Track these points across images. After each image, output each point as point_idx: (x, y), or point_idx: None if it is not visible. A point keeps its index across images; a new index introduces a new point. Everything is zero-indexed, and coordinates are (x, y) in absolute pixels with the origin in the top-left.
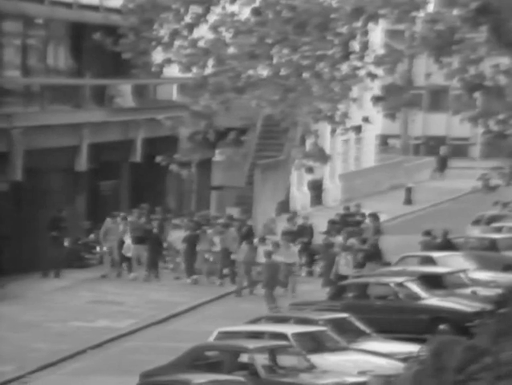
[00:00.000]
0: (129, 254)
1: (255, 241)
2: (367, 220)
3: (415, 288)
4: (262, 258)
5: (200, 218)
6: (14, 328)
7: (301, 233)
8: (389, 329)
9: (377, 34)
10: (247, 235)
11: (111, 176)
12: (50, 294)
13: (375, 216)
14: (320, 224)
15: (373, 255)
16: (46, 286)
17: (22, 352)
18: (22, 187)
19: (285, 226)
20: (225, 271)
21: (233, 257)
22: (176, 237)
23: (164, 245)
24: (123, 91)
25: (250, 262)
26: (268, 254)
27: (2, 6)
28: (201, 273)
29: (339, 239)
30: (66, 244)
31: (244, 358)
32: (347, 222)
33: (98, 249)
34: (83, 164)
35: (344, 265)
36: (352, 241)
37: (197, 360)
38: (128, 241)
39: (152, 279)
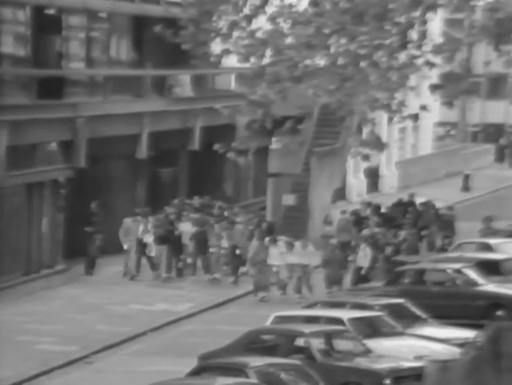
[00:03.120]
0: (152, 254)
1: (266, 240)
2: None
3: (472, 274)
4: (273, 259)
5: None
6: (79, 310)
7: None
8: (446, 315)
9: (435, 23)
10: (267, 232)
11: (170, 164)
12: (112, 277)
13: (428, 205)
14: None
15: (409, 248)
16: (110, 270)
17: (86, 333)
18: (86, 173)
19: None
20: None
21: (237, 252)
22: (185, 231)
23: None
24: (183, 81)
25: (260, 262)
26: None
27: (68, 2)
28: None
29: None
30: (98, 240)
31: (300, 342)
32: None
33: None
34: (143, 151)
35: (363, 256)
36: (376, 231)
37: (253, 343)
38: (149, 240)
39: (174, 280)
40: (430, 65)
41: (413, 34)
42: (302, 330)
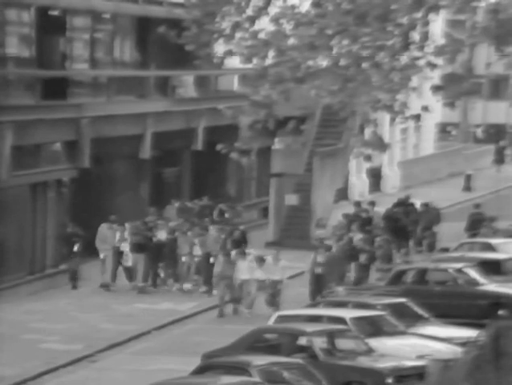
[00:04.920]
0: (129, 264)
1: (233, 253)
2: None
3: (474, 274)
4: (241, 273)
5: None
6: (84, 309)
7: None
8: (448, 314)
9: (437, 25)
10: (239, 241)
11: (173, 164)
12: (118, 277)
13: (427, 206)
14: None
15: (384, 255)
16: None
17: (90, 332)
18: (90, 174)
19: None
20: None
21: (211, 260)
22: (161, 238)
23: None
24: (186, 81)
25: (227, 276)
26: (327, 248)
27: (72, 3)
28: (181, 279)
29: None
30: (75, 249)
31: (302, 341)
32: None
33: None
34: (146, 151)
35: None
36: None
37: (256, 342)
38: (126, 249)
39: (150, 290)
40: (432, 66)
41: (415, 36)
42: (305, 329)
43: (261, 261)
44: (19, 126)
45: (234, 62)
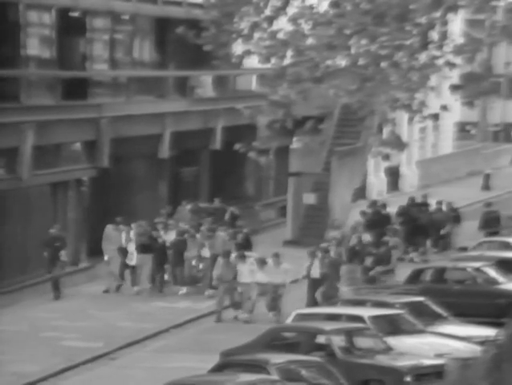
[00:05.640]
0: (132, 263)
1: (233, 256)
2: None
3: (492, 273)
4: (242, 277)
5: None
6: (103, 307)
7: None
8: (466, 313)
9: (456, 24)
10: (243, 245)
11: (191, 163)
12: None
13: (441, 204)
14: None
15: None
16: None
17: (110, 330)
18: (109, 173)
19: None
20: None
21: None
22: (168, 240)
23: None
24: (204, 81)
25: (226, 280)
26: (325, 251)
27: (92, 4)
28: (189, 282)
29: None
30: (62, 258)
31: (321, 339)
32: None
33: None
34: (165, 151)
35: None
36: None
37: (274, 341)
38: (131, 248)
39: (157, 293)
40: (451, 65)
41: (434, 35)
42: (323, 327)
43: (262, 263)
44: (40, 126)
45: (253, 62)
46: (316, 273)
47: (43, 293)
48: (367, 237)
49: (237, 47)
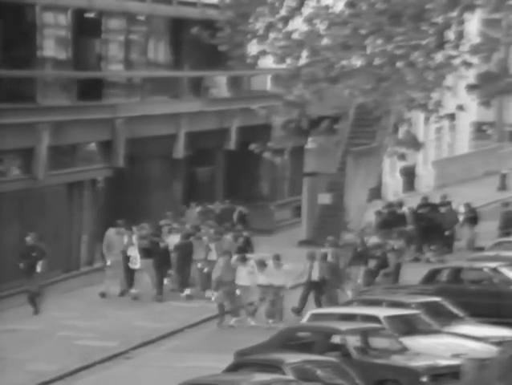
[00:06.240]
0: (136, 266)
1: (233, 258)
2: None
3: (509, 273)
4: (241, 279)
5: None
6: (118, 306)
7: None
8: (483, 313)
9: (473, 24)
10: (243, 247)
11: (206, 163)
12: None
13: (465, 206)
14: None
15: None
16: None
17: (125, 329)
18: (124, 173)
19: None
20: None
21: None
22: (170, 243)
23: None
24: (219, 82)
25: (226, 283)
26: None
27: (107, 5)
28: (194, 285)
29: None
30: (39, 270)
31: (336, 339)
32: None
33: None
34: (180, 151)
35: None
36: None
37: (289, 340)
38: (134, 252)
39: (160, 299)
40: (467, 65)
41: (450, 35)
42: (339, 327)
43: (262, 265)
44: (56, 126)
45: (268, 62)
46: (315, 276)
47: (59, 293)
48: (373, 240)
49: (252, 47)
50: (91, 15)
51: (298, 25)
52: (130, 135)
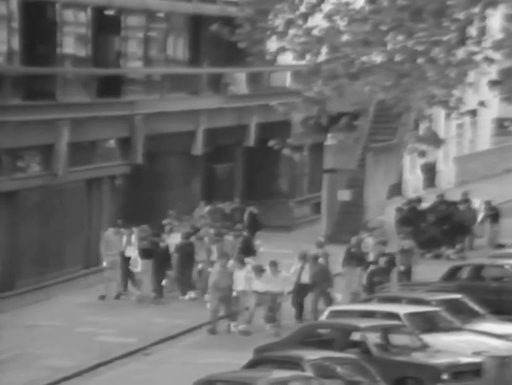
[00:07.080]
0: (137, 270)
1: (231, 262)
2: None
3: None
4: (238, 284)
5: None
6: (138, 303)
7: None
8: (504, 310)
9: (495, 19)
10: (242, 249)
11: (225, 160)
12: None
13: (485, 203)
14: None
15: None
16: None
17: (144, 325)
18: (143, 170)
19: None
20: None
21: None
22: (171, 243)
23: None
24: (238, 78)
25: (222, 288)
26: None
27: (126, 2)
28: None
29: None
30: None
31: (356, 336)
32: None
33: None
34: (199, 148)
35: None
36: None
37: (308, 337)
38: (134, 254)
39: (159, 301)
40: (489, 61)
41: (472, 31)
42: (359, 324)
43: (259, 271)
44: (75, 123)
45: (287, 58)
46: (305, 278)
47: (78, 289)
48: (369, 241)
49: (272, 44)
50: (110, 12)
51: (318, 21)
52: (149, 132)
